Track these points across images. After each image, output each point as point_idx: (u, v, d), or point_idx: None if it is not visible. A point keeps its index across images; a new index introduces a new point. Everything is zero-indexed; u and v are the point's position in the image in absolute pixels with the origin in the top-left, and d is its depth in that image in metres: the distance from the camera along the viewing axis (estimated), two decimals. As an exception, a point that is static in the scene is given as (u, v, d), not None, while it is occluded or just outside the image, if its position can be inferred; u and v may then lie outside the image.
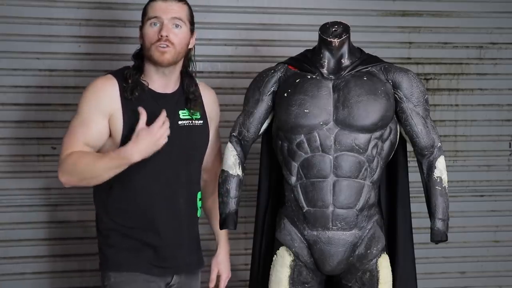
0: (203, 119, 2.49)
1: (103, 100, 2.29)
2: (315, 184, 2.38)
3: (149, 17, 2.32)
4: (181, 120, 2.40)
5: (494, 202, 3.74)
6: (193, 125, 2.43)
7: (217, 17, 3.40)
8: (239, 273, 3.40)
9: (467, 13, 3.61)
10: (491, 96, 3.69)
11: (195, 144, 2.46)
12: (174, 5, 2.33)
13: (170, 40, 2.29)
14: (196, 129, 2.45)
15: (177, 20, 2.32)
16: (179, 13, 2.33)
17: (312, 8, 3.46)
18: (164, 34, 2.28)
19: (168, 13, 2.30)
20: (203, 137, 2.50)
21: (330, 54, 2.47)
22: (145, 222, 2.36)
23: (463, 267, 3.75)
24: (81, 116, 2.29)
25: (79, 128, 2.27)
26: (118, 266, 2.35)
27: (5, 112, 3.26)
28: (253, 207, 2.70)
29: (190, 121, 2.43)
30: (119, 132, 2.29)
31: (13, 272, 3.33)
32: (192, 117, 2.43)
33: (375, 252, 2.45)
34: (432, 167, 2.47)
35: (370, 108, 2.37)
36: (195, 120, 2.44)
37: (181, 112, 2.42)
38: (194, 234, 2.53)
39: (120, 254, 2.35)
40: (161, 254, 2.39)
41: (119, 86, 2.31)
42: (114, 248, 2.36)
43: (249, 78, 2.78)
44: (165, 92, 2.40)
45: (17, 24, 3.22)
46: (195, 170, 2.50)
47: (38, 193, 3.31)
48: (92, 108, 2.28)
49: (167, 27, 2.29)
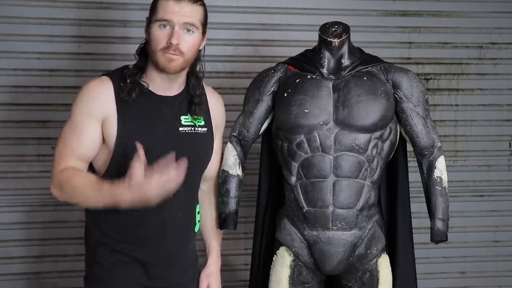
0: (208, 127, 2.25)
1: (95, 105, 2.09)
2: (315, 184, 2.38)
3: (159, 19, 2.08)
4: (182, 126, 2.18)
5: (494, 202, 3.74)
6: (195, 132, 2.20)
7: (217, 17, 3.39)
8: (239, 273, 3.41)
9: (467, 13, 3.61)
10: (491, 96, 3.69)
11: (197, 153, 2.20)
12: (188, 7, 2.08)
13: (179, 49, 2.08)
14: (199, 137, 2.22)
15: (190, 26, 2.09)
16: (192, 18, 2.09)
17: (312, 8, 3.46)
18: (174, 42, 2.06)
19: (181, 17, 2.06)
20: (206, 146, 2.27)
21: (330, 54, 2.47)
22: (137, 237, 2.16)
23: (463, 267, 3.75)
24: (73, 122, 2.11)
25: (72, 136, 2.09)
26: (103, 283, 2.16)
27: (5, 112, 3.26)
28: (253, 207, 2.70)
29: (192, 128, 2.20)
30: (112, 138, 2.10)
31: (13, 272, 3.33)
32: (195, 123, 2.20)
33: (375, 252, 2.45)
34: (432, 167, 2.47)
35: (370, 108, 2.37)
36: (199, 127, 2.21)
37: (183, 118, 2.19)
38: (190, 251, 2.31)
39: (107, 271, 2.15)
40: (151, 273, 2.18)
41: (114, 88, 2.11)
42: (101, 264, 2.16)
43: (249, 78, 2.78)
44: (167, 95, 2.17)
45: (17, 24, 3.23)
46: (195, 182, 2.26)
47: (38, 193, 3.30)
48: (84, 113, 2.09)
49: (178, 34, 2.06)
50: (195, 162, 2.16)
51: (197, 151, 2.21)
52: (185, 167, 1.91)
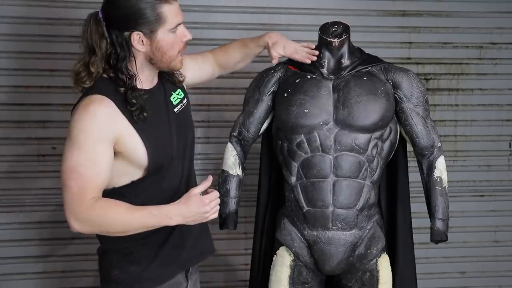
0: (185, 94, 2.28)
1: (106, 127, 1.98)
2: (315, 184, 2.38)
3: (174, 25, 2.06)
4: (175, 107, 2.20)
5: (494, 202, 3.74)
6: (184, 108, 2.24)
7: (217, 17, 3.40)
8: (239, 273, 3.41)
9: (467, 13, 3.61)
10: (491, 96, 3.69)
11: (191, 125, 2.29)
12: (177, 3, 2.11)
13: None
14: (187, 110, 2.27)
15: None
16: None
17: (312, 8, 3.46)
18: (190, 37, 2.12)
19: (181, 14, 2.10)
20: (190, 115, 2.31)
21: (330, 54, 2.47)
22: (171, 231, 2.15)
23: (463, 267, 3.76)
24: (84, 149, 1.96)
25: (86, 166, 1.96)
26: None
27: (5, 112, 3.26)
28: (253, 207, 2.70)
29: (181, 105, 2.23)
30: (139, 150, 2.04)
31: (13, 272, 3.34)
32: (179, 98, 2.23)
33: (375, 252, 2.45)
34: (432, 167, 2.47)
35: (370, 108, 2.37)
36: (183, 100, 2.24)
37: (172, 99, 2.20)
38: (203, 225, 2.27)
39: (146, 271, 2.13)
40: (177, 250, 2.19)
41: (118, 106, 2.01)
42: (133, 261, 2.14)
43: (249, 78, 2.78)
44: (154, 86, 2.16)
45: (17, 24, 3.22)
46: (192, 158, 2.30)
47: (38, 193, 3.31)
48: (95, 139, 1.97)
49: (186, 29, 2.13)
50: (191, 135, 2.26)
51: (191, 126, 2.28)
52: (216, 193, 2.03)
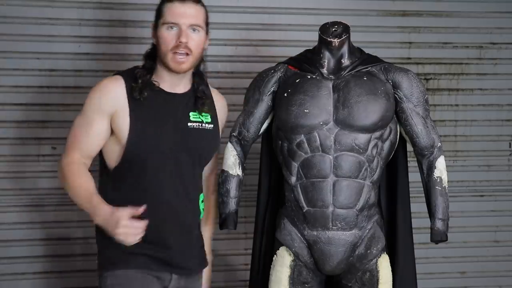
0: (214, 123, 2.38)
1: (106, 101, 2.23)
2: (315, 184, 2.38)
3: (166, 22, 2.22)
4: (191, 122, 2.31)
5: (494, 202, 3.74)
6: (203, 128, 2.33)
7: (217, 17, 3.37)
8: (239, 273, 3.41)
9: (467, 13, 3.61)
10: (491, 96, 3.69)
11: (204, 148, 2.36)
12: (191, 8, 2.23)
13: (188, 47, 2.22)
14: (206, 132, 2.34)
15: (195, 26, 2.23)
16: (196, 19, 2.24)
17: (312, 8, 3.46)
18: (184, 40, 2.20)
19: (186, 18, 2.21)
20: (213, 142, 2.40)
21: (330, 54, 2.47)
22: (150, 228, 2.18)
23: (463, 267, 3.75)
24: (84, 116, 2.26)
25: (81, 129, 2.25)
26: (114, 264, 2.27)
27: (5, 112, 3.26)
28: (253, 207, 2.70)
29: (200, 124, 2.33)
30: (124, 131, 2.22)
31: (13, 272, 3.33)
32: (202, 119, 2.33)
33: (375, 252, 2.45)
34: (432, 167, 2.47)
35: (370, 108, 2.37)
36: (206, 123, 2.34)
37: (192, 114, 2.32)
38: (196, 238, 2.40)
39: (116, 252, 2.23)
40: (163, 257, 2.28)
41: (126, 86, 2.24)
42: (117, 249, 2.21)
43: (249, 78, 2.78)
44: (175, 92, 2.31)
45: (17, 24, 3.22)
46: (199, 174, 2.41)
47: (38, 193, 3.31)
48: (95, 109, 2.23)
49: (186, 33, 2.21)
50: (200, 156, 2.35)
51: (204, 146, 2.35)
52: (145, 225, 2.06)
